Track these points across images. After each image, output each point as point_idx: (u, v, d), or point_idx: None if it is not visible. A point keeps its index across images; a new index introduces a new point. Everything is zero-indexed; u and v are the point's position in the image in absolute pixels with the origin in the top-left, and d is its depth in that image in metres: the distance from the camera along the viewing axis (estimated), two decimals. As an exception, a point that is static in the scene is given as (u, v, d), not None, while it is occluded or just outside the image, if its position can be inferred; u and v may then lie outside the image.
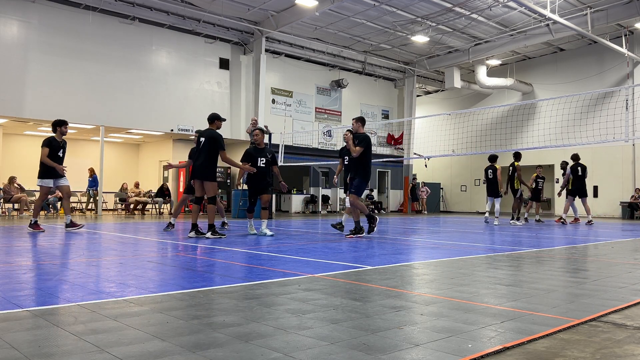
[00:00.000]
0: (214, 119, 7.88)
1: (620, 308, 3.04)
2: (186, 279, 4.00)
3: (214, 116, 7.93)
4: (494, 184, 12.85)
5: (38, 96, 15.07)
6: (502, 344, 2.25)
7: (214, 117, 7.92)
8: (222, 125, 8.04)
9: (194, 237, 7.59)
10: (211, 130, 7.75)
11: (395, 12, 17.57)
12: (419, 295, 3.42)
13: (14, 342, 2.19)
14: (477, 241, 7.85)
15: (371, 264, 4.89)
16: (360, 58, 22.72)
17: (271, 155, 8.56)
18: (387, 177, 24.61)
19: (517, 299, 3.28)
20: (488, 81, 22.27)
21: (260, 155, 8.42)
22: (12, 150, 18.96)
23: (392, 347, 2.20)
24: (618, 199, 19.97)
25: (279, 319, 2.66)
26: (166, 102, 17.51)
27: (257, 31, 18.82)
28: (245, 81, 19.55)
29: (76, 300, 3.07)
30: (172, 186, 19.24)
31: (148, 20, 17.11)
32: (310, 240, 7.69)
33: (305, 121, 21.40)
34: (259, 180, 8.42)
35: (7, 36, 14.71)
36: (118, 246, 6.45)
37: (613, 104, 18.48)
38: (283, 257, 5.39)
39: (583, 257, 5.79)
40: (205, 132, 7.74)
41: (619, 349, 2.24)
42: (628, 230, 11.44)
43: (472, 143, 21.24)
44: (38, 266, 4.53)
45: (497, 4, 16.90)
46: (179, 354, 2.07)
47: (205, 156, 7.57)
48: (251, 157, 8.38)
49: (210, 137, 7.62)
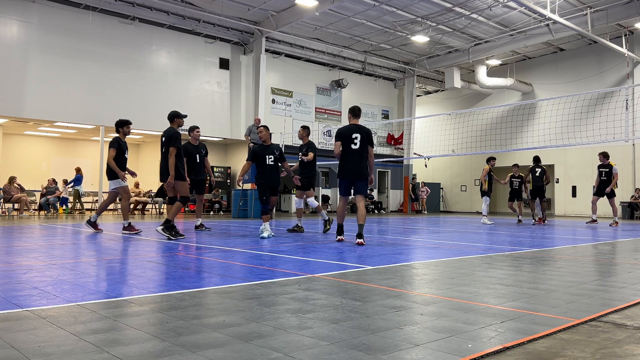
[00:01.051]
0: (174, 117, 7.59)
1: (620, 308, 3.04)
2: (186, 279, 4.00)
3: (173, 114, 7.63)
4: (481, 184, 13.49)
5: (38, 96, 15.07)
6: (502, 344, 2.25)
7: (173, 115, 7.62)
8: (184, 123, 7.75)
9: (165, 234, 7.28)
10: (170, 129, 7.49)
11: (395, 12, 17.57)
12: (419, 295, 3.42)
13: (14, 342, 2.19)
14: (477, 241, 7.85)
15: (371, 264, 4.89)
16: (360, 58, 22.72)
17: (279, 152, 8.26)
18: (387, 177, 24.60)
19: (517, 299, 3.28)
20: (488, 81, 22.27)
21: (267, 153, 8.08)
22: (12, 150, 18.97)
23: (392, 347, 2.20)
24: (618, 199, 19.93)
25: (279, 319, 2.66)
26: (166, 102, 17.49)
27: (257, 31, 18.82)
28: (245, 81, 19.55)
29: (76, 300, 3.07)
30: (172, 186, 19.20)
31: (148, 20, 17.11)
32: (310, 240, 7.69)
33: (305, 121, 21.35)
34: (270, 179, 8.09)
35: (7, 36, 14.71)
36: (118, 246, 6.45)
37: (613, 104, 18.49)
38: (283, 257, 5.39)
39: (583, 257, 5.79)
40: (165, 132, 7.51)
41: (619, 349, 2.24)
42: (628, 230, 11.44)
43: (472, 143, 21.25)
44: (38, 266, 4.53)
45: (497, 4, 16.90)
46: (179, 354, 2.07)
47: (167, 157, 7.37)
48: (258, 156, 8.06)
49: (167, 137, 7.38)
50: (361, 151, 7.04)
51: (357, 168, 7.03)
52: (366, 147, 7.09)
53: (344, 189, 7.21)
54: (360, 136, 7.04)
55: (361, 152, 7.05)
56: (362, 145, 7.04)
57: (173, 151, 7.28)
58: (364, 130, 7.14)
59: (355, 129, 7.12)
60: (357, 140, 7.03)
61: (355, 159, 7.03)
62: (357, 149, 7.02)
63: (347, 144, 7.06)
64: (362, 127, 7.20)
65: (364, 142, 7.05)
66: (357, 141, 7.02)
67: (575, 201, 21.43)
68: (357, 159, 7.03)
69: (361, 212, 7.01)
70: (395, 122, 24.17)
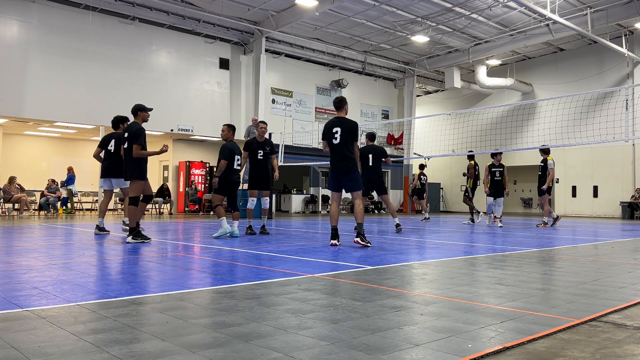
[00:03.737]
0: (138, 111, 7.10)
1: (620, 308, 3.04)
2: (186, 279, 4.00)
3: (137, 107, 7.13)
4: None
5: (38, 96, 15.06)
6: (502, 344, 2.25)
7: (137, 108, 7.12)
8: (148, 117, 7.29)
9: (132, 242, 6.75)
10: (133, 124, 7.00)
11: (395, 12, 17.57)
12: (419, 295, 3.42)
13: (14, 342, 2.19)
14: (477, 241, 7.85)
15: (371, 264, 4.88)
16: (360, 58, 22.72)
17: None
18: (387, 177, 24.59)
19: (517, 299, 3.28)
20: (488, 81, 22.27)
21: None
22: (12, 150, 18.97)
23: (392, 347, 2.20)
24: (618, 199, 19.96)
25: (279, 319, 2.66)
26: (166, 102, 17.50)
27: (257, 31, 18.82)
28: (245, 81, 19.55)
29: (76, 300, 3.07)
30: (172, 186, 19.23)
31: (148, 20, 17.11)
32: (310, 240, 7.68)
33: (305, 121, 21.41)
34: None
35: (7, 36, 14.71)
36: (118, 246, 6.45)
37: (613, 104, 18.48)
38: (283, 257, 5.39)
39: (583, 257, 5.79)
40: (127, 127, 7.01)
41: (619, 349, 2.24)
42: (628, 230, 11.44)
43: (472, 143, 21.24)
44: (38, 266, 4.53)
45: (497, 4, 16.89)
46: (179, 354, 2.07)
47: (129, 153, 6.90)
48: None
49: (130, 133, 6.89)
50: (342, 146, 6.64)
51: (340, 164, 6.67)
52: (348, 142, 6.65)
53: (332, 184, 6.88)
54: (340, 130, 6.65)
55: (343, 147, 6.64)
56: (343, 139, 6.63)
57: (137, 148, 6.79)
58: (345, 124, 6.70)
59: (336, 123, 6.74)
60: (337, 134, 6.66)
61: (337, 154, 6.68)
62: (338, 143, 6.65)
63: (329, 139, 6.75)
64: (343, 121, 6.76)
65: (345, 136, 6.63)
66: (337, 136, 6.65)
67: (575, 201, 21.44)
68: (338, 154, 6.67)
69: (357, 210, 6.65)
70: (395, 122, 24.17)
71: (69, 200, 16.36)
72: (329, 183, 7.03)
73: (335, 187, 6.87)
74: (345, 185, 6.75)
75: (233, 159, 7.83)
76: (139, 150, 6.82)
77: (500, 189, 12.13)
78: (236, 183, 7.97)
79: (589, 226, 12.75)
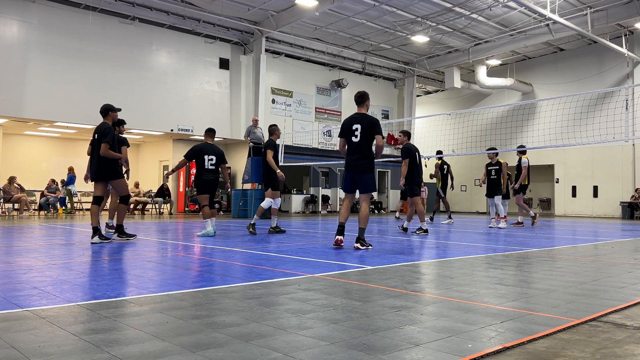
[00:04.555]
0: (107, 110, 7.07)
1: (620, 308, 3.04)
2: (186, 279, 4.00)
3: (106, 107, 7.10)
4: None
5: (38, 96, 15.06)
6: (502, 344, 2.25)
7: (106, 108, 7.09)
8: (117, 117, 7.29)
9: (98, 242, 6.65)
10: (103, 124, 6.93)
11: (395, 12, 17.57)
12: (419, 295, 3.42)
13: (14, 342, 2.19)
14: (477, 241, 7.85)
15: (371, 264, 4.89)
16: (360, 58, 22.72)
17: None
18: (387, 177, 24.60)
19: (517, 299, 3.28)
20: (488, 81, 22.28)
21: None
22: (12, 150, 18.96)
23: (392, 347, 2.20)
24: (618, 199, 19.96)
25: (279, 319, 2.66)
26: (166, 102, 17.51)
27: (257, 31, 18.82)
28: (245, 81, 19.55)
29: (76, 300, 3.08)
30: (172, 186, 19.24)
31: (148, 20, 17.11)
32: (310, 240, 7.69)
33: (305, 121, 21.39)
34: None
35: (7, 36, 14.71)
36: (118, 246, 6.45)
37: (613, 104, 18.48)
38: (283, 257, 5.39)
39: (583, 257, 5.79)
40: (96, 128, 6.95)
41: (619, 349, 2.24)
42: (628, 230, 11.44)
43: (472, 143, 21.25)
44: (38, 266, 4.53)
45: (497, 4, 16.90)
46: (179, 354, 2.07)
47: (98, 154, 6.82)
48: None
49: (99, 132, 6.82)
50: (362, 144, 6.26)
51: (356, 163, 6.31)
52: (368, 140, 6.27)
53: (345, 184, 6.50)
54: (361, 127, 6.25)
55: (363, 145, 6.26)
56: (364, 137, 6.24)
57: (106, 147, 6.73)
58: (366, 120, 6.31)
59: (357, 120, 6.35)
60: (357, 132, 6.26)
61: (355, 152, 6.31)
62: (358, 141, 6.27)
63: (348, 137, 6.36)
64: (364, 117, 6.37)
65: (366, 134, 6.24)
66: (358, 133, 6.25)
67: (575, 201, 21.44)
68: (357, 152, 6.30)
69: (362, 213, 6.35)
70: (395, 122, 24.16)
71: (66, 200, 16.36)
72: (342, 183, 6.69)
73: (348, 188, 6.50)
74: (358, 184, 6.40)
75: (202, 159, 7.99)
76: (107, 150, 6.78)
77: (497, 188, 11.79)
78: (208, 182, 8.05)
79: (589, 226, 12.74)
